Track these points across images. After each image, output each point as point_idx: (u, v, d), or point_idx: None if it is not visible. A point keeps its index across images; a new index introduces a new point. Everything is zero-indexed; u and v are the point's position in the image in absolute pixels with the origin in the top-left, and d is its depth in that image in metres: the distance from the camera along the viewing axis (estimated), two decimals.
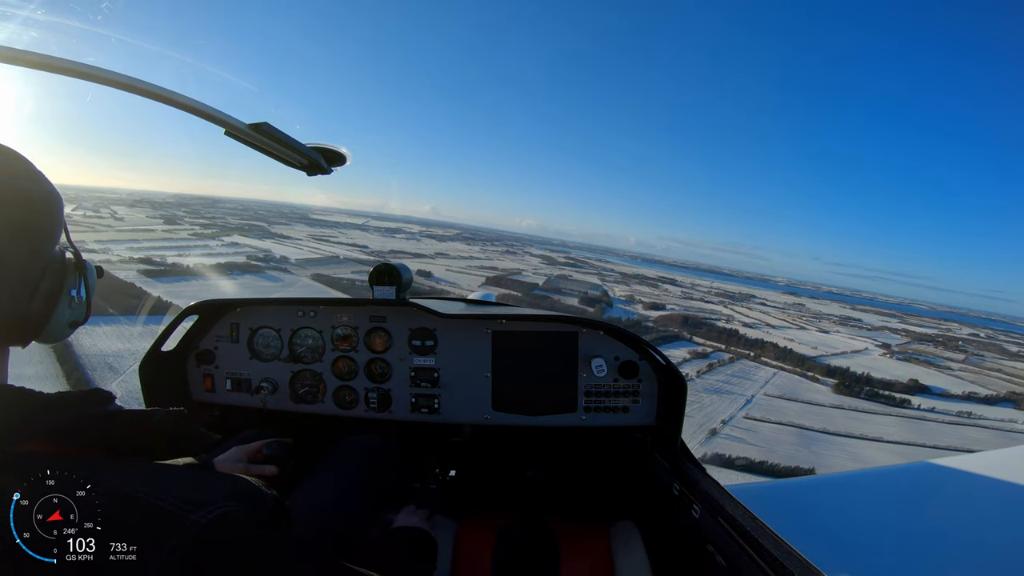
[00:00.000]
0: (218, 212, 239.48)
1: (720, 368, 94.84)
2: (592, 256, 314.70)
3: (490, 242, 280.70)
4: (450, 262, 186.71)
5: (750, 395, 79.79)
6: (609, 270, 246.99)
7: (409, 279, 2.40)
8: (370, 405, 2.44)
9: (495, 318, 2.34)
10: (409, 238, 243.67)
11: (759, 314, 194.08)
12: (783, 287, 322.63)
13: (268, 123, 1.31)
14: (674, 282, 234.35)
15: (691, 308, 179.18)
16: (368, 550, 1.61)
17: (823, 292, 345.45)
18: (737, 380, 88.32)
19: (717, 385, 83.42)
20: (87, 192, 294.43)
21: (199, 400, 2.49)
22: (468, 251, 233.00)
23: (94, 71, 1.06)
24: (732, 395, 78.65)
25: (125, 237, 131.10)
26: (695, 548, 1.81)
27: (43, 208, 0.82)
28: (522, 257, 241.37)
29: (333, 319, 2.43)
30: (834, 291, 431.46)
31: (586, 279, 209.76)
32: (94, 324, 48.43)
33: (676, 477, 2.05)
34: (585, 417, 2.36)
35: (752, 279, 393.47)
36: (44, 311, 0.87)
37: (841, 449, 61.88)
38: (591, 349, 2.33)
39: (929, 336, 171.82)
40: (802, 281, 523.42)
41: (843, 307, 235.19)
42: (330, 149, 1.57)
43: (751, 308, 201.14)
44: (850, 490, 2.88)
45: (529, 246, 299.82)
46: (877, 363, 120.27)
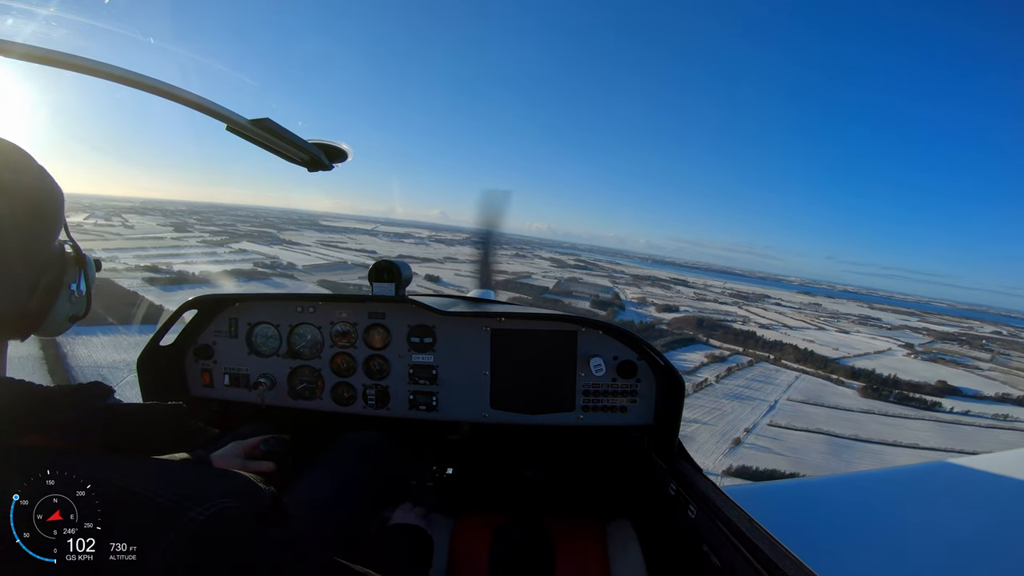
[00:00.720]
0: (229, 219, 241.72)
1: (739, 372, 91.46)
2: (602, 258, 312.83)
3: (499, 245, 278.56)
4: (459, 266, 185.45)
5: (773, 400, 76.44)
6: (620, 272, 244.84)
7: (408, 276, 2.36)
8: (368, 402, 2.44)
9: (494, 316, 2.34)
10: (418, 243, 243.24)
11: (775, 315, 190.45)
12: (797, 287, 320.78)
13: (270, 119, 1.32)
14: (686, 283, 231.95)
15: (705, 310, 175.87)
16: (365, 547, 1.62)
17: (838, 291, 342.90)
18: (758, 384, 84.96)
19: (737, 390, 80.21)
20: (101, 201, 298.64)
21: (197, 395, 2.49)
22: (477, 255, 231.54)
23: (97, 66, 1.06)
24: (754, 401, 75.46)
25: (133, 245, 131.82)
26: (691, 548, 1.82)
27: (44, 202, 0.82)
28: (532, 260, 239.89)
29: (332, 315, 2.42)
30: (849, 290, 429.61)
31: (597, 281, 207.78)
32: (91, 334, 47.05)
33: (673, 477, 2.06)
34: (583, 416, 2.37)
35: (765, 279, 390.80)
36: (44, 305, 0.88)
37: (876, 457, 58.44)
38: (590, 348, 2.33)
39: (952, 335, 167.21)
40: (816, 280, 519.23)
41: (860, 306, 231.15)
42: (331, 145, 1.57)
43: (766, 309, 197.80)
44: (850, 491, 2.87)
45: (539, 249, 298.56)
46: (902, 364, 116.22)
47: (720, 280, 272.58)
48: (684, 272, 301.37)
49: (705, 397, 73.52)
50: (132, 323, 50.48)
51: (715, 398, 73.60)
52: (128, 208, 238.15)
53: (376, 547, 1.59)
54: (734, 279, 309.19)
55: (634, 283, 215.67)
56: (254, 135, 1.36)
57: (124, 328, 49.42)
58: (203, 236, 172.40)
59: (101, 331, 47.94)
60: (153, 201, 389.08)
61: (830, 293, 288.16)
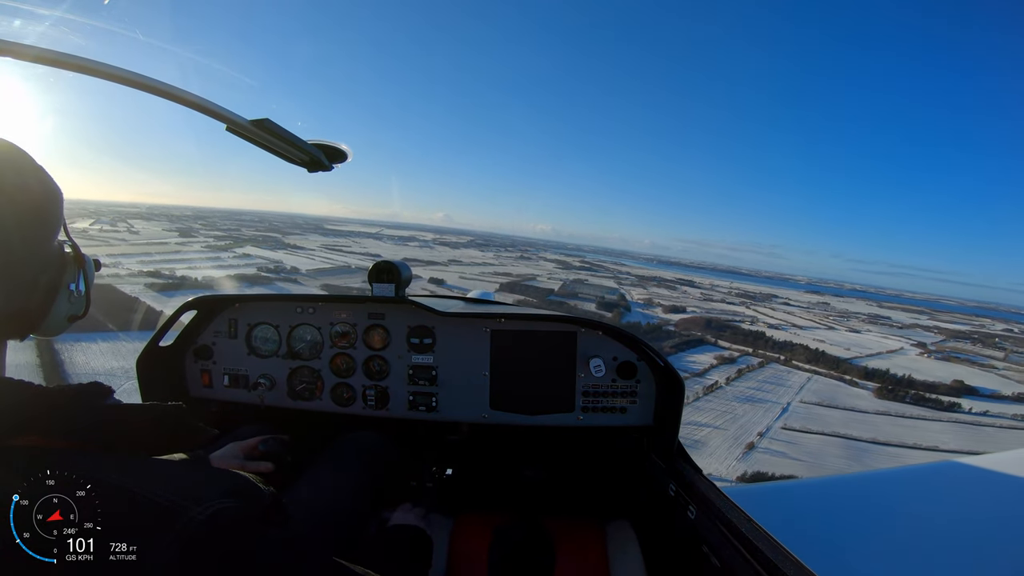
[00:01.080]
0: (233, 224, 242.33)
1: (750, 374, 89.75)
2: (607, 259, 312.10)
3: (504, 248, 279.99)
4: (463, 269, 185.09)
5: (786, 403, 74.77)
6: (625, 273, 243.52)
7: (408, 276, 2.38)
8: (368, 402, 2.45)
9: (494, 317, 2.35)
10: (423, 246, 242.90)
11: (784, 314, 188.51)
12: (804, 286, 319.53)
13: (270, 119, 1.32)
14: (692, 284, 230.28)
15: (713, 310, 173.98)
16: (365, 547, 1.63)
17: (846, 290, 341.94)
18: (770, 386, 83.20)
19: (748, 392, 78.60)
20: (107, 207, 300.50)
21: (197, 396, 2.50)
22: (482, 257, 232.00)
23: (97, 66, 1.06)
24: (766, 403, 73.79)
25: (137, 250, 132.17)
26: (690, 549, 1.84)
27: (44, 202, 0.82)
28: (536, 262, 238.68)
29: (332, 316, 2.44)
30: (857, 288, 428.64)
31: (602, 283, 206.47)
32: (90, 340, 46.26)
33: (672, 478, 2.07)
34: (583, 417, 2.37)
35: (772, 278, 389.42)
36: (43, 305, 0.88)
37: (897, 462, 56.05)
38: (589, 349, 2.34)
39: (964, 333, 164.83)
40: (823, 279, 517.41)
41: (869, 305, 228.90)
42: (331, 146, 1.57)
43: (774, 308, 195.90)
44: (850, 491, 2.87)
45: (543, 251, 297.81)
46: (916, 363, 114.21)
47: (726, 280, 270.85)
48: (690, 272, 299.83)
49: (716, 400, 71.90)
50: (131, 329, 49.63)
51: (726, 401, 72.01)
52: (134, 214, 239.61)
53: (376, 547, 1.60)
54: (740, 279, 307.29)
55: (640, 284, 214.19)
56: (254, 135, 1.36)
57: (124, 335, 48.58)
58: (207, 241, 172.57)
59: (100, 337, 47.15)
60: (159, 207, 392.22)
61: (838, 292, 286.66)
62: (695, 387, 79.73)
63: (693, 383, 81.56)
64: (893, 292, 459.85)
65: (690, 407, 71.48)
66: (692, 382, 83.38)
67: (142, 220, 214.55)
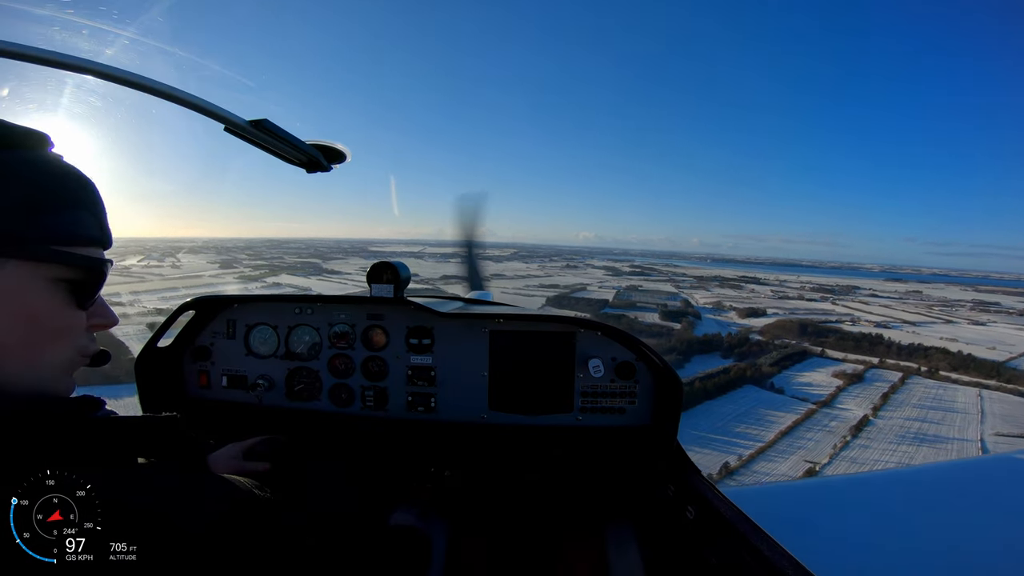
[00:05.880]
0: (279, 252, 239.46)
1: (896, 396, 69.80)
2: (658, 262, 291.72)
3: (548, 258, 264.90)
4: (507, 283, 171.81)
5: (976, 438, 54.58)
6: (681, 275, 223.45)
7: (407, 277, 2.42)
8: (366, 403, 2.47)
9: (493, 317, 2.39)
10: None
11: (880, 308, 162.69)
12: (879, 274, 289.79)
13: (268, 120, 1.33)
14: (758, 281, 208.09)
15: (797, 310, 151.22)
16: (364, 548, 1.64)
17: (927, 275, 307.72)
18: (935, 413, 63.25)
19: (908, 425, 58.82)
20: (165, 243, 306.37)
21: (194, 396, 2.53)
22: (526, 269, 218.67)
23: (97, 67, 1.06)
24: (944, 441, 54.16)
25: (166, 286, 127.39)
26: (689, 549, 1.87)
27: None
28: (584, 270, 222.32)
29: (330, 316, 2.47)
30: (937, 272, 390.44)
31: (659, 288, 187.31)
32: None
33: (671, 478, 2.11)
34: (581, 418, 2.39)
35: (840, 268, 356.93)
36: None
37: None
38: (588, 349, 2.36)
39: None
40: (896, 265, 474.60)
41: (964, 290, 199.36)
42: (329, 147, 1.57)
43: (865, 303, 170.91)
44: (851, 492, 2.90)
45: (590, 258, 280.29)
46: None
47: (791, 274, 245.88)
48: (751, 268, 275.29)
49: (877, 443, 52.84)
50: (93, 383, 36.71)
51: (889, 443, 52.70)
52: (188, 248, 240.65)
53: (374, 549, 1.59)
54: (806, 271, 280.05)
55: (700, 286, 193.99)
56: (252, 136, 1.37)
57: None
58: (243, 271, 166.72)
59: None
60: (214, 240, 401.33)
61: (920, 278, 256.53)
62: (830, 423, 59.93)
63: (824, 417, 61.69)
64: (979, 274, 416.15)
65: (845, 460, 51.82)
66: (822, 415, 63.42)
67: (190, 254, 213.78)
